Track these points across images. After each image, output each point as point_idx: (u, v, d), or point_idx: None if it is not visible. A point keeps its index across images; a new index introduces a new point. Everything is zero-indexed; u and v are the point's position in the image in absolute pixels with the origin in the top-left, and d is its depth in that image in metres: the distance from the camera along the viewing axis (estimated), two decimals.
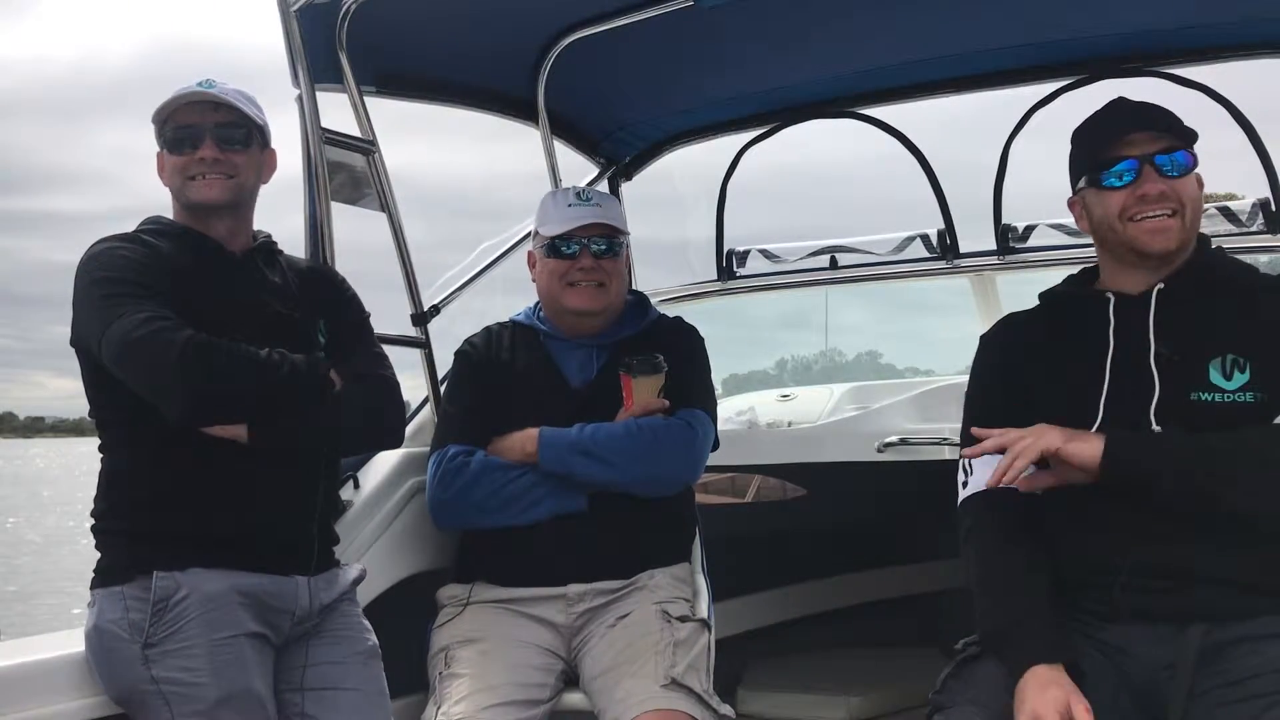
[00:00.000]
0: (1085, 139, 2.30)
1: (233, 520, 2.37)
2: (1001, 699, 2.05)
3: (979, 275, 3.92)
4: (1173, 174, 2.17)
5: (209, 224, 2.47)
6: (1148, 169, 2.17)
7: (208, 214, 2.46)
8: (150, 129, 2.48)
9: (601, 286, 2.92)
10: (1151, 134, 2.19)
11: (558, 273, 2.93)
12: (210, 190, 2.42)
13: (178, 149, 2.42)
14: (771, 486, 4.11)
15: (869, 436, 3.52)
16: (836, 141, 4.09)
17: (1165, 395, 2.13)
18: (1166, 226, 2.17)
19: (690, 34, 3.27)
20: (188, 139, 2.42)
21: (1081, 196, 2.29)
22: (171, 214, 2.50)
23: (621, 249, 2.98)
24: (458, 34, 3.20)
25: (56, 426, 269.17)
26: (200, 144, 2.41)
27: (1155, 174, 2.17)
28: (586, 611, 2.80)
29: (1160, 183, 2.16)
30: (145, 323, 2.23)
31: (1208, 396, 2.10)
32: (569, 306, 2.93)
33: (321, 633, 2.48)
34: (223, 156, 2.42)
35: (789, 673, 3.84)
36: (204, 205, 2.44)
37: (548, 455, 2.79)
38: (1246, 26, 3.14)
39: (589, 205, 2.97)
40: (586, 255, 2.90)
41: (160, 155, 2.47)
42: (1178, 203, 2.16)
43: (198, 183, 2.42)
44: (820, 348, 8.04)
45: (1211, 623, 2.06)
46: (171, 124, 2.43)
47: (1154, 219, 2.16)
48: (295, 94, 2.90)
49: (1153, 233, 2.17)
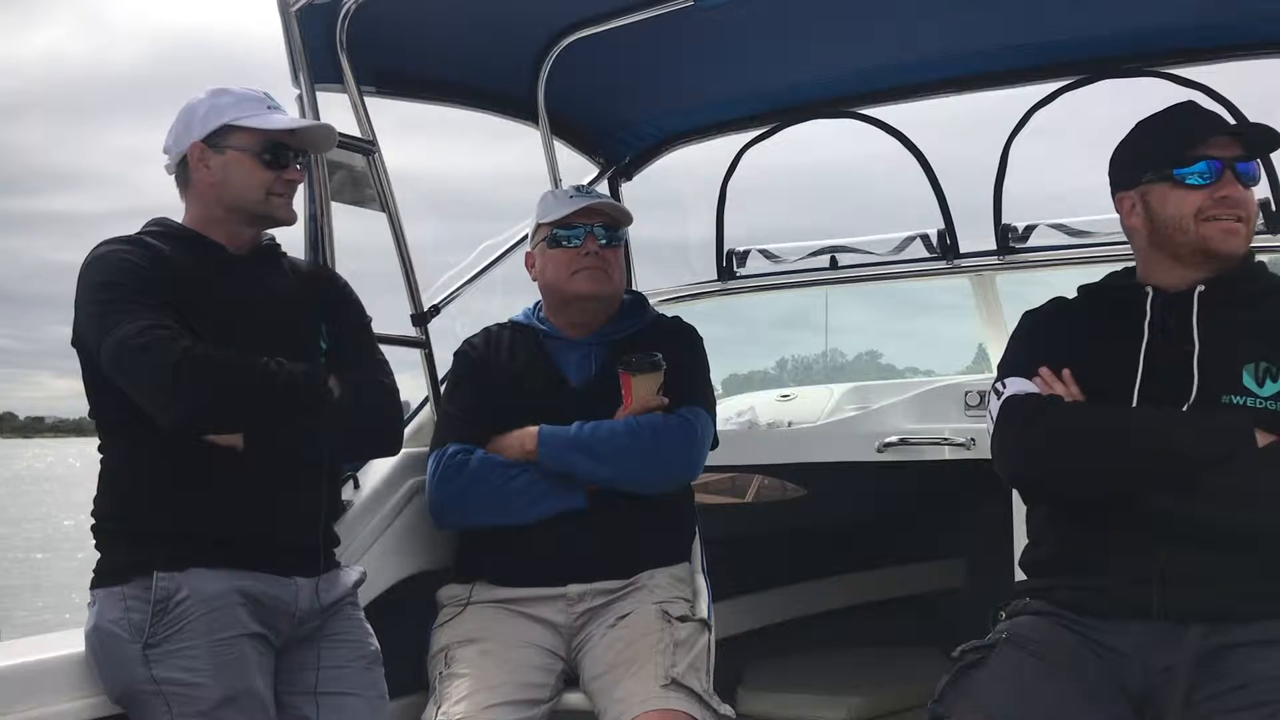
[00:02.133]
0: (1159, 135, 2.29)
1: (233, 521, 2.37)
2: (1002, 707, 2.05)
3: (979, 275, 3.92)
4: (1248, 182, 2.21)
5: (234, 230, 2.47)
6: (1229, 173, 2.19)
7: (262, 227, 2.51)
8: (163, 127, 2.48)
9: (606, 273, 2.93)
10: (1233, 139, 2.22)
11: (563, 262, 2.93)
12: (289, 213, 2.50)
13: (274, 164, 2.44)
14: (771, 486, 4.11)
15: (869, 436, 3.51)
16: (836, 141, 4.09)
17: (1200, 396, 2.14)
18: (1237, 230, 2.19)
19: (690, 34, 3.27)
20: (285, 158, 2.46)
21: (1142, 192, 2.27)
22: (179, 217, 2.50)
23: (621, 241, 3.00)
24: (458, 34, 3.21)
25: (56, 426, 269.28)
26: (290, 165, 2.46)
27: (1234, 179, 2.20)
28: (587, 611, 2.80)
29: (1238, 188, 2.19)
30: (144, 331, 2.23)
31: (1239, 399, 2.11)
32: (578, 292, 2.93)
33: (323, 636, 2.48)
34: (298, 179, 2.50)
35: (789, 673, 3.84)
36: (280, 224, 2.51)
37: (547, 453, 2.79)
38: (1246, 26, 3.14)
39: (590, 195, 3.02)
40: (591, 241, 2.92)
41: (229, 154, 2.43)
42: (1246, 211, 2.21)
43: (283, 201, 2.47)
44: (820, 348, 8.03)
45: (1211, 624, 2.05)
46: (271, 139, 2.44)
47: (1228, 222, 2.19)
48: (295, 94, 2.91)
49: (1226, 234, 2.19)
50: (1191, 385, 2.15)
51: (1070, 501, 2.24)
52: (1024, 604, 2.26)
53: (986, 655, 2.17)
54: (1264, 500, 2.06)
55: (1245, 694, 1.98)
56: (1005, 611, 2.29)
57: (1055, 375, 2.24)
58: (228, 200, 2.45)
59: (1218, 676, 2.02)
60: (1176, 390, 2.16)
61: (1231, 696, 2.00)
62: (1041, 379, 2.24)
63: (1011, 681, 2.11)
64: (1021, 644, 2.16)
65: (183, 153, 2.45)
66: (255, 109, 2.45)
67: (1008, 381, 2.28)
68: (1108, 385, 2.21)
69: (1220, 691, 2.01)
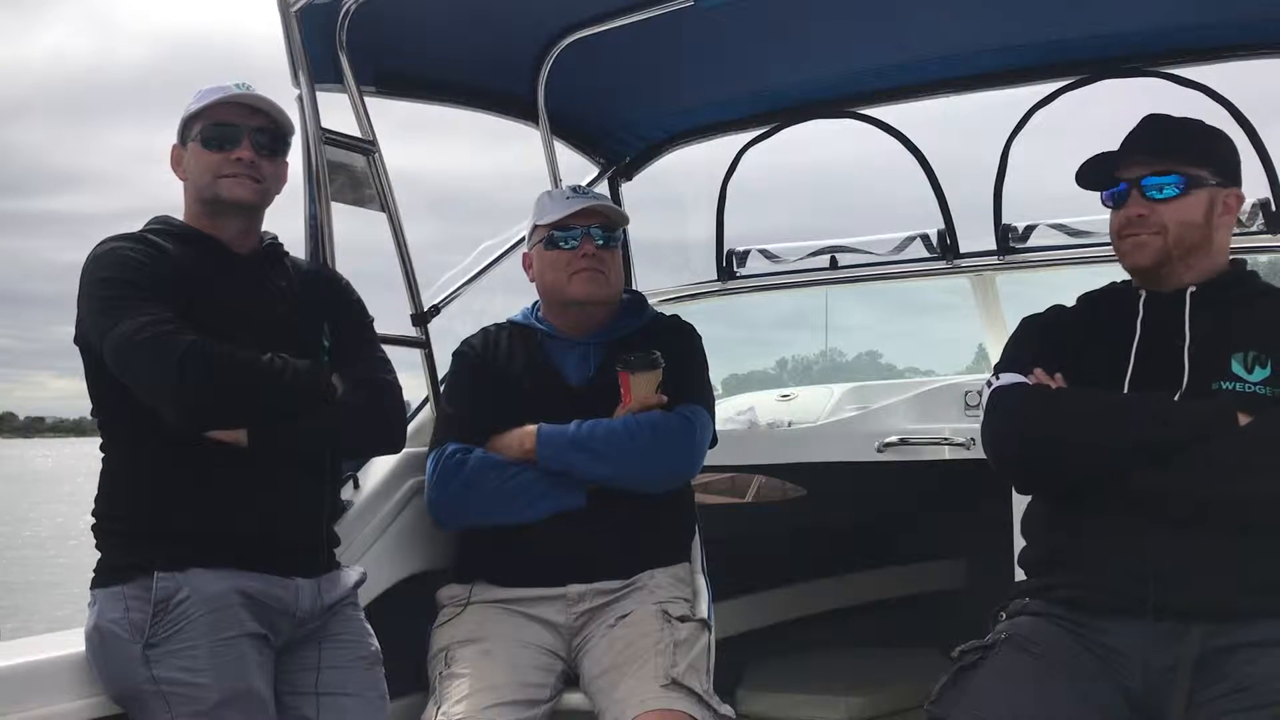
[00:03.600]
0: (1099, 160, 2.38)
1: (233, 521, 2.37)
2: (1001, 708, 2.05)
3: (979, 275, 3.92)
4: (1158, 196, 2.26)
5: (223, 224, 2.47)
6: (1134, 192, 2.28)
7: (228, 212, 2.46)
8: (165, 127, 2.50)
9: (603, 275, 2.92)
10: (1147, 157, 2.29)
11: (560, 264, 2.93)
12: (241, 189, 2.43)
13: (214, 145, 2.42)
14: (771, 486, 4.11)
15: (869, 436, 3.52)
16: (836, 141, 4.09)
17: (1191, 385, 2.18)
18: (1144, 242, 2.27)
19: (690, 34, 3.27)
20: (226, 137, 2.43)
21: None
22: (181, 215, 2.50)
23: (618, 242, 2.99)
24: (458, 34, 3.21)
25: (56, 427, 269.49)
26: (238, 144, 2.43)
27: (1140, 197, 2.28)
28: (587, 611, 2.80)
29: (1142, 205, 2.27)
30: (147, 326, 2.23)
31: (1229, 385, 2.16)
32: (574, 296, 2.93)
33: (323, 637, 2.48)
34: (257, 160, 2.44)
35: (789, 673, 3.84)
36: (231, 203, 2.44)
37: (546, 452, 2.79)
38: (1246, 26, 3.14)
39: (586, 197, 3.00)
40: (588, 243, 2.91)
41: (181, 148, 2.46)
42: (1158, 222, 2.26)
43: (228, 181, 2.43)
44: (820, 348, 8.05)
45: (1211, 624, 2.06)
46: (209, 120, 2.43)
47: (1135, 238, 2.29)
48: (295, 94, 2.90)
49: (1134, 248, 2.30)
50: (1182, 376, 2.19)
51: (1056, 486, 2.27)
52: (1023, 604, 2.27)
53: (986, 655, 2.18)
54: (1248, 476, 2.08)
55: (1247, 696, 1.99)
56: (1005, 612, 2.30)
57: (1049, 376, 2.27)
58: (194, 191, 2.47)
59: (1219, 678, 2.03)
60: (1168, 381, 2.20)
61: (1237, 698, 2.00)
62: (1036, 378, 2.27)
63: (1011, 682, 2.11)
64: (1021, 644, 2.17)
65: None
66: (211, 96, 2.45)
67: (1000, 375, 2.33)
68: (1099, 381, 2.25)
69: (1222, 693, 2.01)
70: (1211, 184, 2.27)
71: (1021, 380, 2.28)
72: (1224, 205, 2.29)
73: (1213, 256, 2.30)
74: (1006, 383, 2.30)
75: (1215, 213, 2.28)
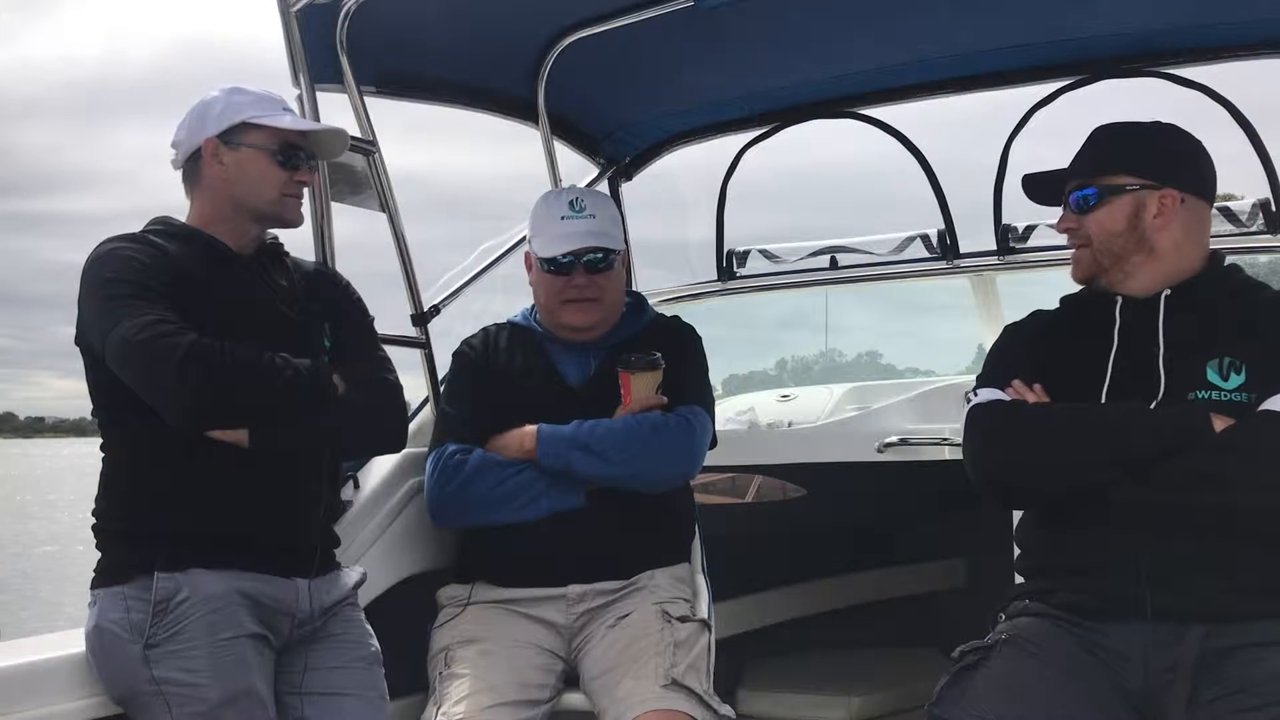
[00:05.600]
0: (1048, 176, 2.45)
1: (233, 521, 2.37)
2: (1001, 708, 2.05)
3: (979, 275, 3.92)
4: (1078, 210, 2.33)
5: (242, 229, 2.48)
6: (1065, 208, 2.37)
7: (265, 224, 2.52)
8: (171, 129, 2.48)
9: (597, 301, 2.91)
10: (1074, 172, 2.36)
11: (553, 289, 2.92)
12: (298, 213, 2.53)
13: (287, 165, 2.46)
14: (771, 486, 4.10)
15: (869, 436, 3.52)
16: (836, 141, 4.10)
17: (1167, 394, 2.18)
18: (1077, 258, 2.36)
19: (690, 34, 3.26)
20: (296, 159, 2.47)
21: None
22: (183, 216, 2.50)
23: (617, 259, 2.96)
24: (458, 34, 3.20)
25: (56, 427, 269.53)
26: (300, 168, 2.48)
27: (1068, 211, 2.36)
28: (587, 612, 2.80)
29: (1069, 219, 2.35)
30: (149, 326, 2.23)
31: (1204, 394, 2.15)
32: (564, 323, 2.94)
33: (323, 637, 2.48)
34: (308, 181, 2.53)
35: (789, 673, 3.84)
36: (286, 222, 2.52)
37: (546, 451, 2.79)
38: (1246, 26, 3.14)
39: (582, 218, 2.92)
40: (580, 273, 2.89)
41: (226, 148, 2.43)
42: (1084, 237, 2.32)
43: (293, 201, 2.49)
44: (820, 348, 8.05)
45: (1211, 625, 2.06)
46: (281, 139, 2.46)
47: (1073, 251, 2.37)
48: (295, 94, 2.91)
49: (1073, 263, 2.37)
50: (1159, 385, 2.19)
51: (1038, 501, 2.29)
52: (1024, 605, 2.27)
53: (986, 656, 2.17)
54: (1224, 488, 2.08)
55: (1247, 696, 1.99)
56: (1005, 612, 2.30)
57: (1027, 387, 2.28)
58: (239, 197, 2.45)
59: (1219, 679, 2.03)
60: (1144, 391, 2.20)
61: (1234, 699, 2.00)
62: (1014, 390, 2.28)
63: (1011, 682, 2.11)
64: (1021, 645, 2.17)
65: (195, 147, 2.45)
66: (272, 109, 2.47)
67: (979, 391, 2.34)
68: (1077, 391, 2.25)
69: (1222, 694, 2.01)
70: (1133, 189, 2.26)
71: (998, 396, 2.29)
72: (1158, 206, 2.26)
73: (1164, 259, 2.27)
74: (983, 400, 2.31)
75: (1146, 215, 2.26)
